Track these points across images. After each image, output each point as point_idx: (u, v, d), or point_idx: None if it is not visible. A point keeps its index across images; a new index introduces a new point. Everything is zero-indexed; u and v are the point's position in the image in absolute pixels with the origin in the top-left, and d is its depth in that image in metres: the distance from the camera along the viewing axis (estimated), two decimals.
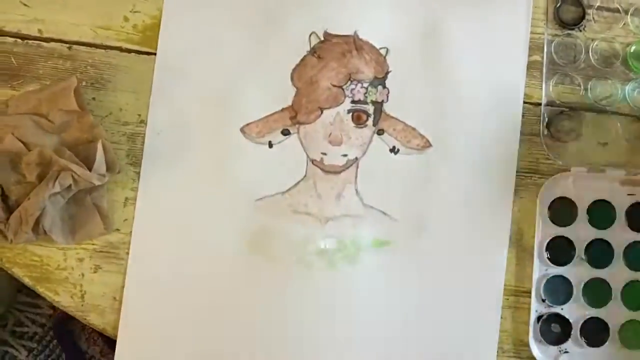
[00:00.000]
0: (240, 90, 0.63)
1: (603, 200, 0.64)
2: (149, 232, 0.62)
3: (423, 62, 0.64)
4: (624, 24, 0.65)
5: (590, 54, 0.65)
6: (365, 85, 0.63)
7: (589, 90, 0.65)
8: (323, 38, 0.63)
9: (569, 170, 0.63)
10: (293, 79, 0.63)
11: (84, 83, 0.62)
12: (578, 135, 0.65)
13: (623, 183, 0.64)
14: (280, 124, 0.63)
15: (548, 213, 0.64)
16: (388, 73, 0.64)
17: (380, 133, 0.63)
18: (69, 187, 0.58)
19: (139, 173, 0.62)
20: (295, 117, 0.63)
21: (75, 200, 0.60)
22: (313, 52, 0.63)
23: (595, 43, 0.65)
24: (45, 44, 0.63)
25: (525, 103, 0.64)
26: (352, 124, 0.63)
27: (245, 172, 0.63)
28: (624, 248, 0.64)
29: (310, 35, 0.63)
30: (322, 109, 0.63)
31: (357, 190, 0.63)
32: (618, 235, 0.64)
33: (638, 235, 0.64)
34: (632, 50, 0.65)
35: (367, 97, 0.63)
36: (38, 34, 0.63)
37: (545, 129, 0.64)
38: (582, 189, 0.64)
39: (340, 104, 0.63)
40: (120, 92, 0.63)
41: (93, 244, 0.62)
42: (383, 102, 0.64)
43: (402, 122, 0.63)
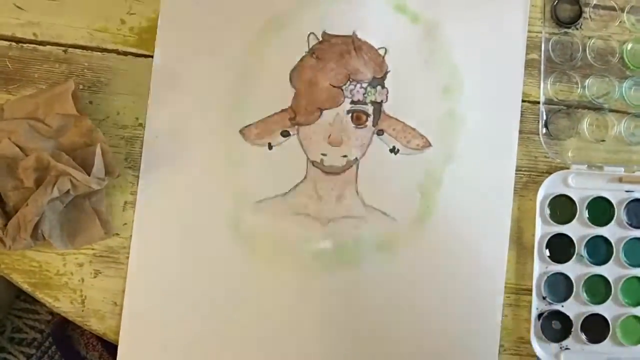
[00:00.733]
0: (239, 92, 0.63)
1: (602, 198, 0.64)
2: (149, 236, 0.62)
3: (421, 62, 0.64)
4: (620, 22, 0.65)
5: (587, 52, 0.65)
6: (365, 86, 0.63)
7: (586, 88, 0.65)
8: (322, 39, 0.63)
9: (568, 168, 0.64)
10: (292, 80, 0.63)
11: (81, 86, 0.62)
12: (576, 133, 0.65)
13: (621, 180, 0.64)
14: (280, 126, 0.63)
15: (547, 211, 0.64)
16: (387, 73, 0.63)
17: (380, 133, 0.63)
18: (68, 192, 0.57)
19: (138, 177, 0.62)
20: (295, 118, 0.63)
21: (74, 205, 0.60)
22: (312, 52, 0.63)
23: (592, 41, 0.65)
24: (41, 48, 0.62)
25: (524, 101, 0.65)
26: (351, 125, 0.63)
27: (245, 174, 0.62)
28: (623, 245, 0.64)
29: (309, 36, 0.63)
30: (321, 110, 0.63)
31: (357, 191, 0.63)
32: (617, 232, 0.64)
33: (637, 232, 0.64)
34: (628, 48, 0.65)
35: (366, 97, 0.63)
36: (33, 38, 0.62)
37: (544, 127, 0.65)
38: (580, 187, 0.64)
39: (340, 105, 0.63)
40: (118, 95, 0.62)
41: (93, 249, 0.61)
42: (382, 102, 0.63)
43: (401, 122, 0.63)
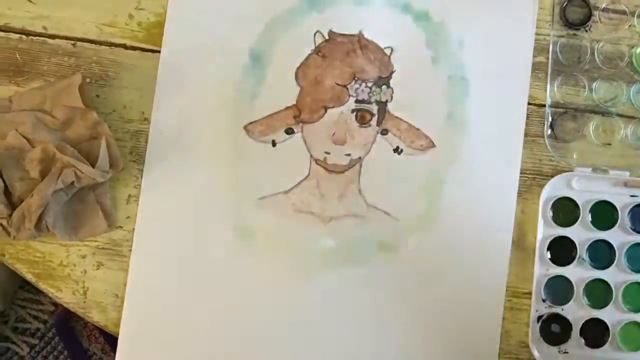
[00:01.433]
0: (244, 89, 0.63)
1: (605, 202, 0.64)
2: (152, 229, 0.62)
3: (427, 62, 0.64)
4: (630, 26, 0.65)
5: (596, 55, 0.65)
6: (370, 85, 0.63)
7: (594, 91, 0.65)
8: (328, 37, 0.63)
9: (573, 171, 0.64)
10: (297, 78, 0.63)
11: (88, 80, 0.62)
12: (582, 136, 0.65)
13: (626, 184, 0.64)
14: (284, 123, 0.63)
15: (550, 213, 0.64)
16: (392, 73, 0.63)
17: (384, 133, 0.63)
18: (72, 183, 0.58)
19: (142, 170, 0.62)
20: (299, 116, 0.63)
21: (79, 197, 0.60)
22: (318, 51, 0.63)
23: (601, 44, 0.65)
24: (50, 41, 0.63)
25: (530, 104, 0.64)
26: (356, 124, 0.63)
27: (248, 170, 0.63)
28: (626, 250, 0.64)
29: (315, 34, 0.63)
30: (326, 108, 0.63)
31: (360, 190, 0.63)
32: (620, 237, 0.64)
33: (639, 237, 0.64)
34: (637, 52, 0.65)
35: (371, 96, 0.63)
36: (43, 31, 0.63)
37: (549, 129, 0.64)
38: (584, 190, 0.64)
39: (345, 104, 0.63)
40: (125, 89, 0.63)
41: (96, 241, 0.62)
42: (387, 101, 0.63)
43: (406, 122, 0.63)
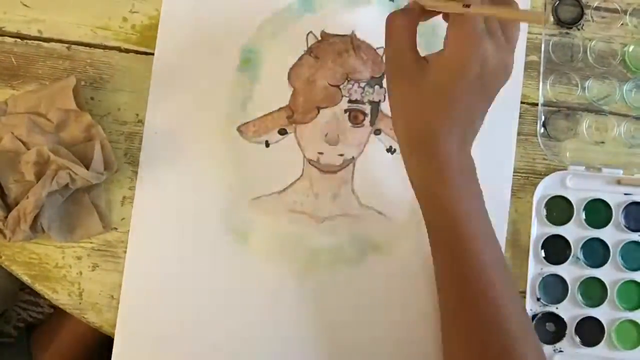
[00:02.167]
0: (237, 90, 0.63)
1: (599, 200, 0.64)
2: (147, 230, 0.62)
3: None
4: (622, 24, 0.65)
5: (588, 54, 0.65)
6: (362, 85, 0.63)
7: (587, 90, 0.65)
8: (320, 38, 0.64)
9: (566, 169, 0.64)
10: (290, 79, 0.63)
11: (83, 83, 0.63)
12: (575, 135, 0.65)
13: (620, 182, 0.64)
14: (277, 124, 0.63)
15: (544, 211, 0.64)
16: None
17: (377, 133, 0.64)
18: (67, 185, 0.58)
19: (137, 172, 0.63)
20: (292, 116, 0.63)
21: (73, 199, 0.61)
22: (310, 51, 0.64)
23: (593, 42, 0.65)
24: (45, 44, 0.63)
25: (523, 103, 0.64)
26: (349, 124, 0.63)
27: (242, 171, 0.63)
28: (620, 248, 0.64)
29: (308, 35, 0.64)
30: (319, 109, 0.63)
31: (353, 190, 0.63)
32: (614, 235, 0.64)
33: (634, 235, 0.64)
34: (630, 50, 0.65)
35: (364, 96, 0.63)
36: (38, 34, 0.63)
37: (542, 128, 0.64)
38: (578, 188, 0.64)
39: (337, 104, 0.63)
40: (119, 91, 0.63)
41: (91, 243, 0.62)
42: (380, 101, 0.64)
43: None
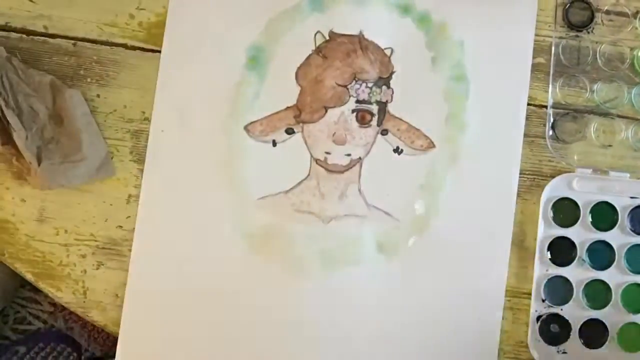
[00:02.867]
0: (245, 89, 0.63)
1: (606, 203, 0.64)
2: (152, 229, 0.62)
3: (427, 63, 0.64)
4: (632, 28, 0.65)
5: (597, 57, 0.65)
6: (370, 85, 0.63)
7: (595, 93, 0.65)
8: (328, 37, 0.63)
9: (574, 172, 0.64)
10: (298, 78, 0.63)
11: (89, 80, 0.63)
12: (582, 137, 0.65)
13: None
14: (285, 123, 0.63)
15: (550, 213, 0.64)
16: (393, 73, 0.63)
17: (384, 133, 0.63)
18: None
19: (142, 170, 0.62)
20: (300, 116, 0.63)
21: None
22: (318, 51, 0.63)
23: (602, 46, 0.65)
24: (51, 40, 0.63)
25: (530, 105, 0.64)
26: (356, 124, 0.63)
27: (249, 170, 0.63)
28: (625, 251, 0.64)
29: (316, 35, 0.63)
30: (326, 108, 0.63)
31: (360, 190, 0.63)
32: (620, 238, 0.64)
33: (639, 239, 0.64)
34: (639, 54, 0.65)
35: (371, 97, 0.63)
36: (44, 30, 0.63)
37: (551, 130, 0.64)
38: (585, 191, 0.64)
39: (345, 104, 0.63)
40: (125, 89, 0.63)
41: (96, 241, 0.62)
42: (387, 102, 0.63)
43: (406, 122, 0.63)
